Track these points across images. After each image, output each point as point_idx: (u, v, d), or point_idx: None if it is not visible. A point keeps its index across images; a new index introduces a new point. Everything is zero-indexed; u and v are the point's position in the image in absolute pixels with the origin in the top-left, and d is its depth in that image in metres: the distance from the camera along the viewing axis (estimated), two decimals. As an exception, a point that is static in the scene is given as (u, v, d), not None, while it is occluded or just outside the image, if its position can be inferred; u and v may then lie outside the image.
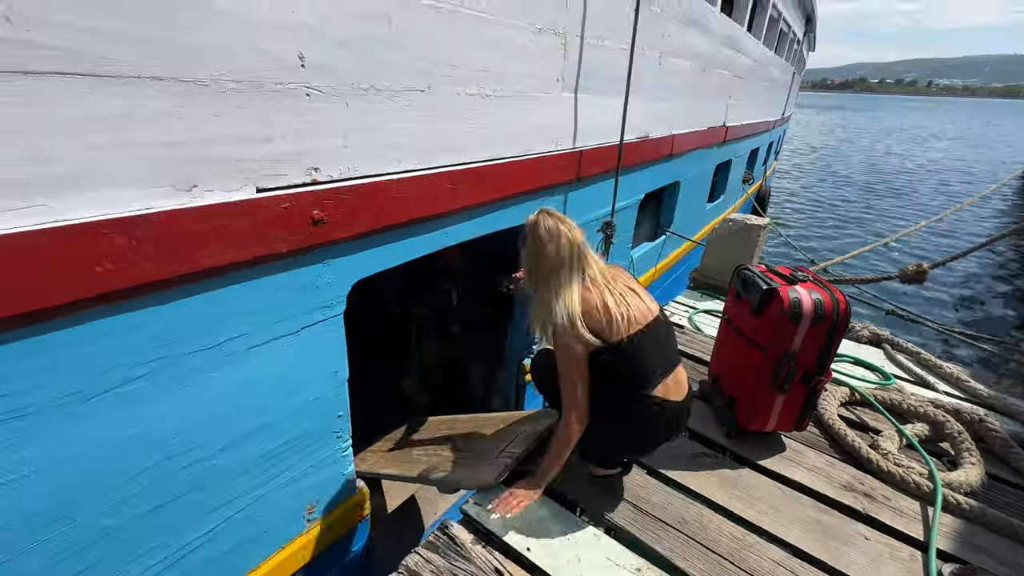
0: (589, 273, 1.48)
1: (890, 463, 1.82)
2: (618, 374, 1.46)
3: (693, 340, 2.78)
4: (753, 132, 7.12)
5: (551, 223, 1.48)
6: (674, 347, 1.61)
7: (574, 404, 1.48)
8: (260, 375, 1.42)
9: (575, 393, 1.47)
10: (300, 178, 1.33)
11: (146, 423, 1.20)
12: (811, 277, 1.86)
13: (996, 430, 1.99)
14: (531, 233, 1.51)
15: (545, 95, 2.27)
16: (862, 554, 1.50)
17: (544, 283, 1.47)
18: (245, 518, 1.51)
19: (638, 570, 1.43)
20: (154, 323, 1.15)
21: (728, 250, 3.32)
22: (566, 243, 1.45)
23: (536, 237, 1.49)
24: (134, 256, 1.04)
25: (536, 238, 1.49)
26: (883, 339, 2.84)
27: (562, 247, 1.45)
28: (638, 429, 1.54)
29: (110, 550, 1.21)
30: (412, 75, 1.59)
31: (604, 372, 1.45)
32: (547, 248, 1.46)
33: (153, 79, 1.01)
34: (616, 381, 1.47)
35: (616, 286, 1.50)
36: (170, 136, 1.06)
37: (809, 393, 1.83)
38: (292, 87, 1.25)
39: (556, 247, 1.45)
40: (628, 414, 1.50)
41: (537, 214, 1.53)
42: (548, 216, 1.50)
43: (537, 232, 1.49)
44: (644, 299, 1.54)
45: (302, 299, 1.45)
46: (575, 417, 1.48)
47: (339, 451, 1.73)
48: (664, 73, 3.46)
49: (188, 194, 1.12)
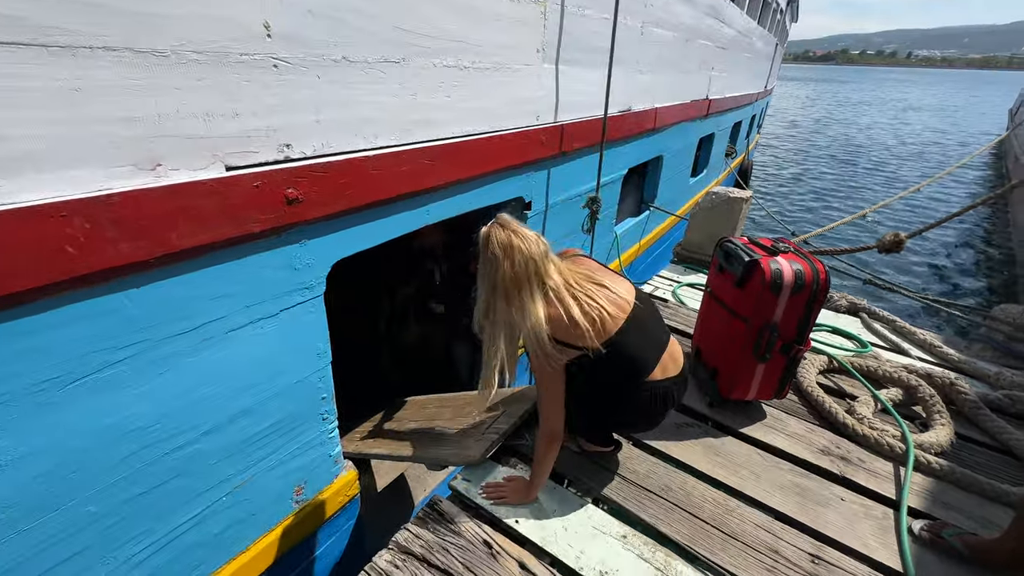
0: (550, 285, 1.33)
1: (865, 427, 1.88)
2: (611, 371, 1.41)
3: (677, 313, 2.81)
4: (736, 105, 7.10)
5: (503, 236, 1.30)
6: (661, 325, 1.56)
7: (547, 420, 1.43)
8: (241, 359, 1.39)
9: (548, 410, 1.42)
10: (272, 155, 1.28)
11: (127, 409, 1.18)
12: (792, 248, 1.87)
13: (966, 392, 2.06)
14: (481, 251, 1.33)
15: (526, 67, 2.21)
16: (839, 515, 1.56)
17: (503, 306, 1.32)
18: (232, 502, 1.51)
19: (624, 537, 1.46)
20: (130, 307, 1.11)
21: (711, 223, 3.34)
22: (521, 259, 1.28)
23: (486, 257, 1.31)
24: (99, 239, 1.00)
25: (486, 258, 1.32)
26: (860, 308, 2.91)
27: (517, 264, 1.28)
28: (639, 413, 1.53)
29: (96, 537, 1.20)
30: (386, 46, 1.53)
31: (595, 371, 1.38)
32: (501, 267, 1.28)
33: (105, 49, 0.95)
34: (611, 377, 1.43)
35: (582, 289, 1.37)
36: (128, 111, 1.01)
37: (789, 362, 1.87)
38: (259, 58, 1.19)
39: (511, 264, 1.28)
40: (628, 402, 1.48)
41: (489, 226, 1.34)
42: (500, 229, 1.32)
43: (488, 250, 1.31)
44: (616, 290, 1.42)
45: (280, 281, 1.42)
46: (549, 435, 1.45)
47: (325, 432, 1.73)
48: (647, 44, 3.39)
49: (152, 173, 1.07)
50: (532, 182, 2.49)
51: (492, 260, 1.30)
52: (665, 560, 1.39)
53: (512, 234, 1.31)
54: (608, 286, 1.42)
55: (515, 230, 1.32)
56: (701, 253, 3.46)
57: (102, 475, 1.18)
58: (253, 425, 1.49)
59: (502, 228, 1.32)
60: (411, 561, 1.36)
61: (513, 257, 1.28)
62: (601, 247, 3.56)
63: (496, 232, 1.31)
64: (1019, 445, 1.83)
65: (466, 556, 1.37)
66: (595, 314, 1.33)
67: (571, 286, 1.36)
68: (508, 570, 1.34)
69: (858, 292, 3.44)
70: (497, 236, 1.31)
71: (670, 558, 1.40)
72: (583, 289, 1.36)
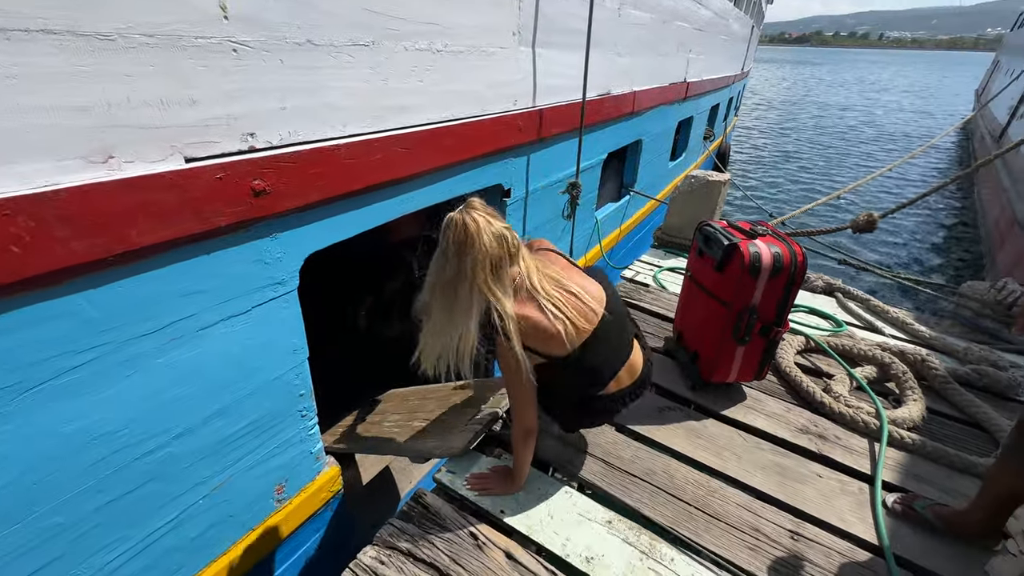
0: (519, 284, 1.25)
1: (841, 405, 1.92)
2: (568, 379, 1.38)
3: (658, 298, 2.82)
4: (714, 88, 7.10)
5: (474, 220, 1.18)
6: (627, 335, 1.49)
7: (520, 419, 1.39)
8: (213, 358, 1.35)
9: (520, 408, 1.37)
10: (235, 145, 1.22)
11: (92, 415, 1.13)
12: (770, 231, 1.88)
13: (936, 368, 2.12)
14: (447, 234, 1.21)
15: (501, 50, 2.16)
16: (816, 491, 1.60)
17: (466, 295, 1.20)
18: (210, 504, 1.47)
19: (609, 522, 1.47)
20: (89, 308, 1.06)
21: (690, 207, 3.35)
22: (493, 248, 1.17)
23: (456, 239, 1.19)
24: (47, 237, 0.93)
25: (456, 242, 1.19)
26: (835, 288, 2.96)
27: (491, 250, 1.17)
28: (592, 417, 1.56)
29: (66, 547, 1.16)
30: (354, 28, 1.47)
31: (554, 375, 1.34)
32: (473, 252, 1.17)
33: (44, 32, 0.88)
34: (567, 383, 1.40)
35: (549, 297, 1.27)
36: (74, 100, 0.94)
37: (768, 344, 1.89)
38: (215, 42, 1.13)
39: (484, 251, 1.17)
40: (582, 408, 1.48)
41: (459, 211, 1.22)
42: (472, 212, 1.20)
43: (449, 236, 1.20)
44: (586, 299, 1.33)
45: (251, 276, 1.37)
46: (524, 432, 1.41)
47: (305, 430, 1.69)
48: (624, 25, 3.35)
49: (104, 166, 1.01)
50: (511, 169, 2.46)
51: (461, 244, 1.18)
52: (650, 543, 1.41)
53: (487, 218, 1.20)
54: (577, 294, 1.33)
55: (489, 215, 1.22)
56: (681, 237, 3.47)
57: (68, 484, 1.13)
58: (229, 425, 1.45)
59: (470, 211, 1.21)
60: (396, 556, 1.35)
61: (486, 244, 1.17)
62: (582, 233, 3.55)
63: (467, 217, 1.19)
64: (986, 418, 1.89)
65: (452, 548, 1.37)
66: (559, 326, 1.25)
67: (537, 290, 1.27)
68: (495, 560, 1.34)
69: (834, 272, 3.51)
70: (468, 220, 1.18)
71: (655, 541, 1.42)
72: (550, 297, 1.27)
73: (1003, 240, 6.50)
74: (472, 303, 1.21)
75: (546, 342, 1.27)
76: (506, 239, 1.21)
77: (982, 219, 8.76)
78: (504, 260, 1.21)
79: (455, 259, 1.19)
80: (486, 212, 1.22)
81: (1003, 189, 7.33)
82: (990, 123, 12.67)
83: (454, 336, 1.24)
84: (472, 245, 1.18)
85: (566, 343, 1.27)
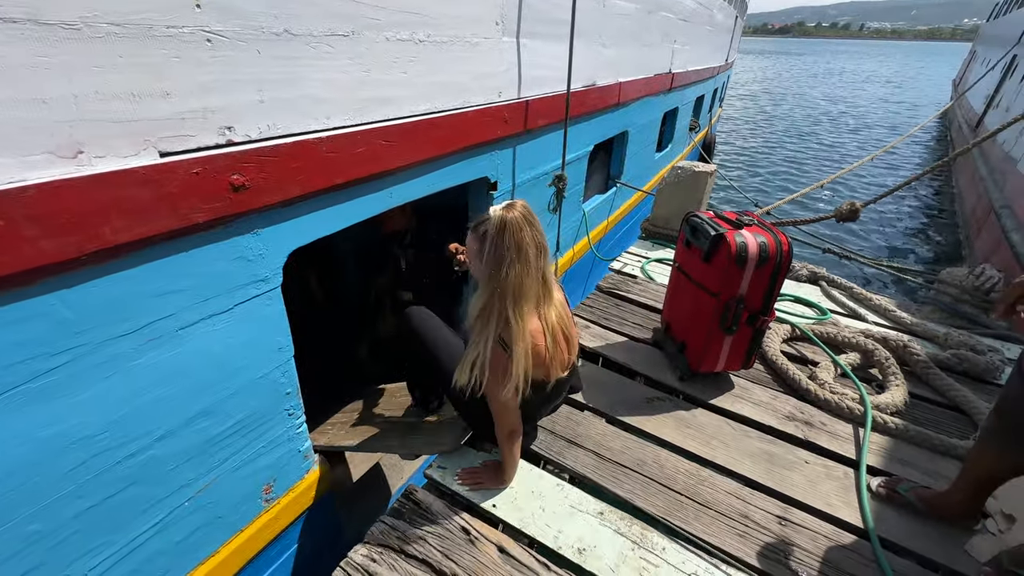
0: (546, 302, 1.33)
1: (826, 391, 1.95)
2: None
3: (646, 289, 2.83)
4: (699, 79, 7.12)
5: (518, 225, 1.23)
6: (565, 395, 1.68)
7: (504, 425, 1.42)
8: (195, 358, 1.31)
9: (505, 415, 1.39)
10: (211, 139, 1.19)
11: (68, 419, 1.09)
12: (756, 221, 1.90)
13: (918, 354, 2.16)
14: (492, 236, 1.24)
15: (485, 40, 2.13)
16: (803, 477, 1.62)
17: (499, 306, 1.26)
18: (196, 506, 1.44)
19: (600, 514, 1.48)
20: (62, 309, 1.02)
21: (677, 198, 3.36)
22: (535, 260, 1.24)
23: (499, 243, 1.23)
24: (14, 236, 0.90)
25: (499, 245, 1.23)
26: (820, 277, 3.00)
27: (531, 263, 1.23)
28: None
29: (46, 554, 1.13)
30: (332, 18, 1.43)
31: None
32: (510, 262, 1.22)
33: (4, 22, 0.84)
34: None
35: (553, 332, 1.36)
36: (39, 93, 0.90)
37: (755, 333, 1.91)
38: (188, 31, 1.09)
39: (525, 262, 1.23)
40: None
41: (503, 209, 1.27)
42: (516, 214, 1.24)
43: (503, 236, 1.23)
44: (569, 348, 1.46)
45: (232, 274, 1.34)
46: (509, 435, 1.45)
47: (292, 428, 1.67)
48: (608, 16, 3.33)
49: (73, 162, 0.97)
50: (497, 161, 2.43)
51: (505, 250, 1.23)
52: (641, 533, 1.42)
53: (529, 226, 1.24)
54: (568, 339, 1.46)
55: (532, 222, 1.26)
56: (668, 228, 3.48)
57: (46, 490, 1.09)
58: (213, 426, 1.42)
59: (518, 214, 1.25)
60: (388, 553, 1.34)
61: (528, 254, 1.23)
62: (569, 225, 3.54)
63: (512, 217, 1.24)
64: (966, 401, 1.93)
65: (444, 544, 1.36)
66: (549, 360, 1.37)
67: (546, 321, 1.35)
68: (487, 555, 1.34)
69: (818, 261, 3.55)
70: (514, 224, 1.23)
71: (646, 531, 1.43)
72: (553, 333, 1.37)
73: (980, 228, 6.65)
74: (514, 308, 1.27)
75: (537, 367, 1.35)
76: (545, 250, 1.29)
77: (960, 207, 8.95)
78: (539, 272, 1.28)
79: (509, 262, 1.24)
80: (530, 216, 1.28)
81: (980, 178, 7.49)
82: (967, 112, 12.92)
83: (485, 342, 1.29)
84: (521, 249, 1.23)
85: (549, 376, 1.40)
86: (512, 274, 1.23)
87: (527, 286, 1.26)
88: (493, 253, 1.25)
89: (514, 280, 1.24)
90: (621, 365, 2.18)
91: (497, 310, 1.27)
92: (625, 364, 2.17)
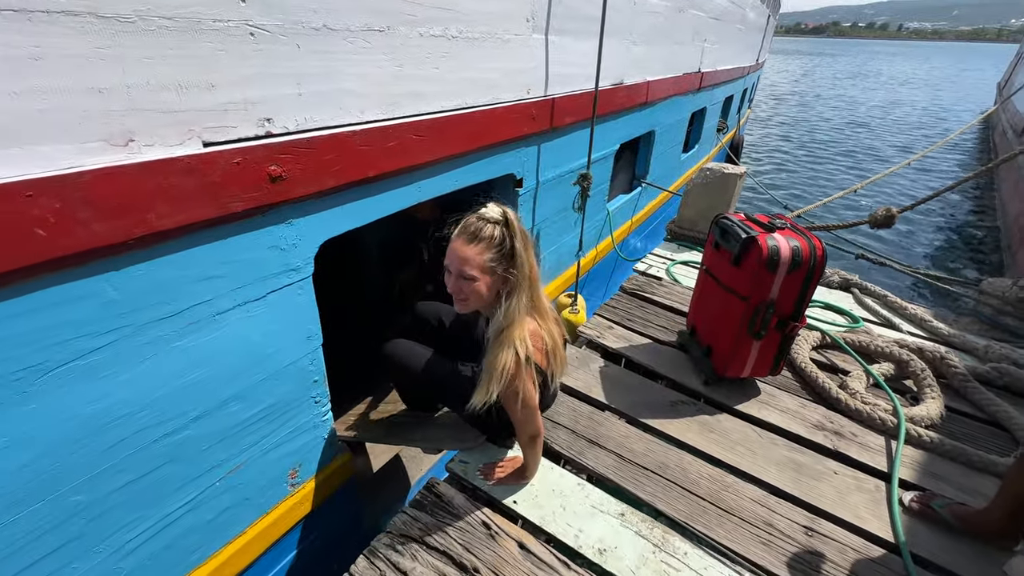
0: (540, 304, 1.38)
1: (858, 401, 1.90)
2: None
3: (671, 292, 2.80)
4: (728, 79, 6.98)
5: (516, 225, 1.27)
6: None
7: (527, 428, 1.42)
8: (229, 343, 1.35)
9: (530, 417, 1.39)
10: (252, 130, 1.22)
11: (112, 396, 1.14)
12: (789, 224, 1.85)
13: (956, 366, 2.09)
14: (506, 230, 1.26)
15: (515, 36, 2.13)
16: (832, 488, 1.58)
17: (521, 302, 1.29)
18: (226, 486, 1.49)
19: (621, 515, 1.47)
20: (110, 291, 1.06)
21: (705, 200, 3.31)
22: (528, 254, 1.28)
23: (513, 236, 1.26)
24: (71, 220, 0.94)
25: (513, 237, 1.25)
26: (852, 284, 2.92)
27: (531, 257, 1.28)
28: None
29: (86, 526, 1.18)
30: (369, 13, 1.45)
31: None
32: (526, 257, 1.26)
33: (66, 14, 0.87)
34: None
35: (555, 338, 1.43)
36: (96, 82, 0.94)
37: (784, 339, 1.87)
38: (233, 25, 1.12)
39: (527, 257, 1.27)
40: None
41: (501, 207, 1.30)
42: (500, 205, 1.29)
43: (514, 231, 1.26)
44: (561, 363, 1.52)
45: (267, 262, 1.37)
46: (532, 438, 1.46)
47: (318, 416, 1.70)
48: (639, 13, 3.29)
49: (125, 149, 1.01)
50: (523, 158, 2.43)
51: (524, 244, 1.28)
52: (663, 536, 1.41)
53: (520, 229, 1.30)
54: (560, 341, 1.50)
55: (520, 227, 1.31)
56: (695, 230, 3.43)
57: (88, 464, 1.14)
58: (244, 410, 1.46)
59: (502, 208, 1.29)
60: (410, 544, 1.35)
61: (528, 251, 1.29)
62: (593, 225, 3.52)
63: (505, 209, 1.29)
64: (1007, 417, 1.86)
65: (465, 537, 1.37)
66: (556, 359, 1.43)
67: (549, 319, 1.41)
68: (508, 550, 1.34)
69: (850, 267, 3.45)
70: (510, 213, 1.28)
71: (668, 534, 1.41)
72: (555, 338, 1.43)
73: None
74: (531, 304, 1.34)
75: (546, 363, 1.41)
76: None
77: (1003, 216, 8.58)
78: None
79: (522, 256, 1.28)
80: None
81: (1025, 185, 7.16)
82: (1012, 117, 12.35)
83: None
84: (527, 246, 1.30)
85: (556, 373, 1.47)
86: (527, 262, 1.27)
87: (536, 272, 1.31)
88: (511, 249, 1.26)
89: (529, 268, 1.28)
90: (644, 367, 2.16)
91: (518, 308, 1.28)
92: (649, 366, 2.15)
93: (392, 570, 1.29)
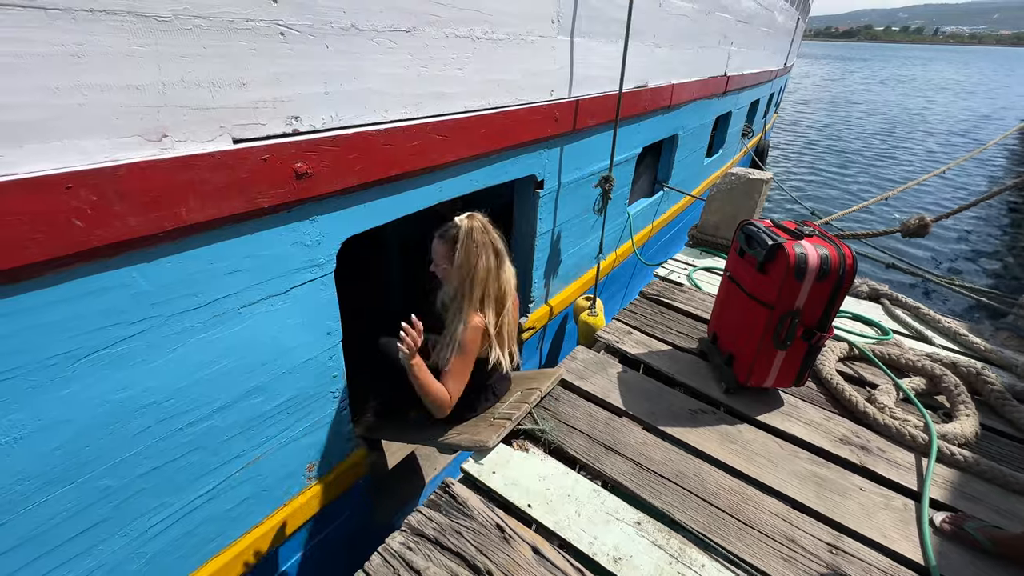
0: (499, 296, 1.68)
1: (886, 416, 1.83)
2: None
3: (692, 298, 2.75)
4: (755, 83, 6.86)
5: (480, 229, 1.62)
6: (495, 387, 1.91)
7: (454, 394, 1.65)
8: (253, 336, 1.38)
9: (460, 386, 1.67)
10: (280, 128, 1.24)
11: (140, 384, 1.17)
12: (817, 232, 1.80)
13: (992, 383, 2.00)
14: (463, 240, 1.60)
15: (540, 38, 2.13)
16: (858, 505, 1.53)
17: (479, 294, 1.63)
18: (246, 477, 1.51)
19: (637, 523, 1.44)
20: (141, 282, 1.10)
21: (729, 206, 3.24)
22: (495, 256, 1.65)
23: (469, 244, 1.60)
24: (107, 212, 0.97)
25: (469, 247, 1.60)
26: (882, 294, 2.82)
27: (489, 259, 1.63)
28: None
29: (112, 510, 1.21)
30: (396, 14, 1.47)
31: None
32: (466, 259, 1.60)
33: (106, 13, 0.90)
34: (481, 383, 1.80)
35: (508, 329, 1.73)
36: (132, 79, 0.97)
37: (809, 349, 1.82)
38: (265, 25, 1.14)
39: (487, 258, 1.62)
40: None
41: (468, 218, 1.62)
42: (478, 222, 1.63)
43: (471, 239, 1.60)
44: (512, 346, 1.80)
45: (291, 257, 1.39)
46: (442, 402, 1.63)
47: (336, 411, 1.72)
48: (665, 16, 3.26)
49: (158, 145, 1.04)
50: (545, 160, 2.43)
51: (474, 250, 1.59)
52: (680, 547, 1.38)
53: (487, 232, 1.63)
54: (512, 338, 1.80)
55: (489, 229, 1.64)
56: (718, 236, 3.37)
57: (116, 449, 1.18)
58: (265, 402, 1.48)
59: (479, 223, 1.63)
60: (424, 543, 1.35)
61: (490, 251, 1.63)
62: (613, 228, 3.49)
63: (475, 224, 1.61)
64: (1047, 437, 1.77)
65: (479, 540, 1.37)
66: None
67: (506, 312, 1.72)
68: (521, 555, 1.33)
69: (880, 277, 3.35)
70: (477, 227, 1.61)
71: (685, 545, 1.38)
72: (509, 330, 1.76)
73: (1067, 250, 6.07)
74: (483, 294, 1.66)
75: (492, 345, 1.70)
76: (502, 254, 1.67)
77: (1043, 227, 8.21)
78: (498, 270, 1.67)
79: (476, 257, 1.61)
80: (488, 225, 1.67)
81: (1069, 196, 6.84)
82: (1057, 125, 11.82)
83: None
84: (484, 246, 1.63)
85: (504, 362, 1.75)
86: (480, 265, 1.60)
87: (490, 279, 1.63)
88: (463, 252, 1.59)
89: (482, 271, 1.60)
90: (664, 374, 2.12)
91: (468, 295, 1.62)
92: (668, 373, 2.12)
93: (406, 569, 1.29)
